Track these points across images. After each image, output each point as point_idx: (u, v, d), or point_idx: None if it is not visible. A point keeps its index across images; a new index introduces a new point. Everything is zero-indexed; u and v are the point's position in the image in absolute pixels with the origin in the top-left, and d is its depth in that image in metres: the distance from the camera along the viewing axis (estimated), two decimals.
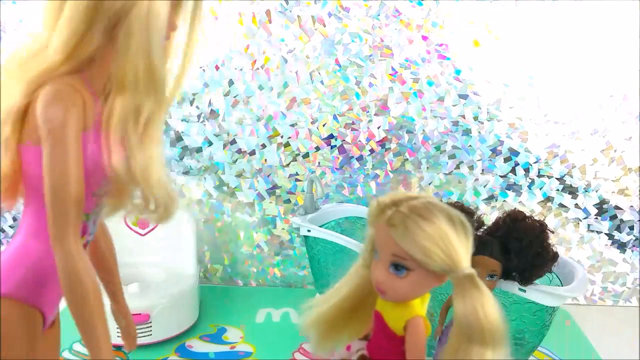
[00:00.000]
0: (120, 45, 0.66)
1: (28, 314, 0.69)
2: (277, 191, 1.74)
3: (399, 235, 0.63)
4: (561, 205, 1.71)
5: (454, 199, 1.69)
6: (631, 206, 1.69)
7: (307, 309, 0.76)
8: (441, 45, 1.62)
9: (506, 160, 1.69)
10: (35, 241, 0.70)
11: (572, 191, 1.69)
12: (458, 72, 1.63)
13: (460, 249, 0.63)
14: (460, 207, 1.17)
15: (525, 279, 1.15)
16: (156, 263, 1.56)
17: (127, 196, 0.72)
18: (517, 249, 1.11)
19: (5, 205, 0.73)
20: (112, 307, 0.85)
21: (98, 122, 0.68)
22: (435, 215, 0.64)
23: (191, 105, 1.67)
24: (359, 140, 1.70)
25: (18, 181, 0.71)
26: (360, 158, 1.71)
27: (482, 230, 1.17)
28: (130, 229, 1.58)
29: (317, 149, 1.71)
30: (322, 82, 1.66)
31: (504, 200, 1.71)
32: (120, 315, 0.85)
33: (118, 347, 0.89)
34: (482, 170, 1.70)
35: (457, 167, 1.70)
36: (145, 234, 1.58)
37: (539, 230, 1.13)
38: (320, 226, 1.50)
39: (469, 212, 1.16)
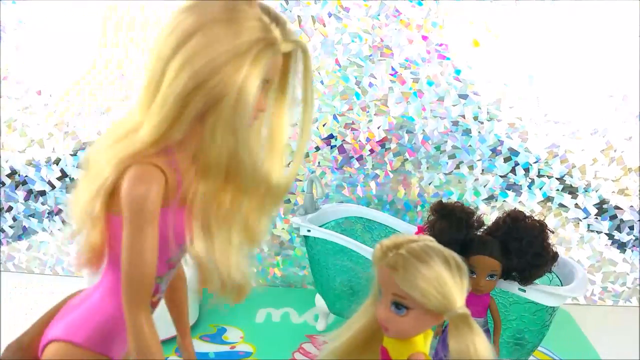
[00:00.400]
0: (208, 130, 0.68)
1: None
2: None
3: (399, 277, 0.70)
4: (561, 205, 1.71)
5: (454, 199, 1.69)
6: (631, 206, 1.69)
7: (323, 347, 0.84)
8: (441, 45, 1.62)
9: (506, 160, 1.68)
10: (112, 299, 0.75)
11: (572, 191, 1.69)
12: (458, 72, 1.63)
13: (455, 289, 0.70)
14: (460, 207, 1.17)
15: (525, 279, 1.15)
16: None
17: (206, 277, 0.74)
18: (517, 249, 1.11)
19: (92, 271, 0.78)
20: (178, 341, 0.91)
21: (182, 199, 0.71)
22: (433, 258, 0.70)
23: None
24: (359, 140, 1.69)
25: (104, 250, 0.76)
26: (360, 158, 1.71)
27: (482, 230, 1.17)
28: None
29: (317, 148, 1.71)
30: (322, 82, 1.66)
31: (504, 201, 1.71)
32: (184, 350, 0.91)
33: None
34: (482, 170, 1.69)
35: (457, 167, 1.69)
36: None
37: (539, 231, 1.13)
38: (320, 226, 1.50)
39: (469, 213, 1.17)
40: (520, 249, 1.11)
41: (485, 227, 1.18)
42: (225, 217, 0.71)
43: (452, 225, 1.13)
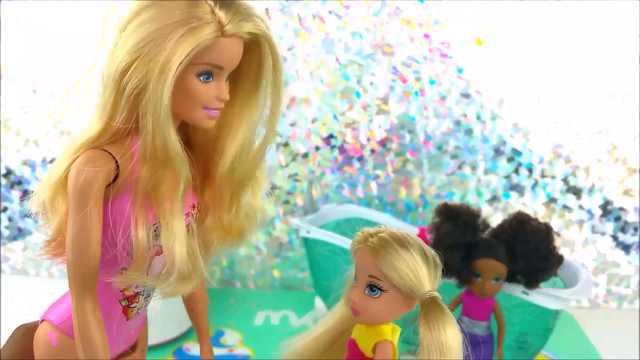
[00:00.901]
0: (141, 112, 0.67)
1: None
2: (276, 192, 1.73)
3: (379, 257, 0.73)
4: (565, 207, 1.69)
5: (456, 200, 1.68)
6: (635, 207, 1.68)
7: (289, 343, 0.87)
8: (443, 43, 1.61)
9: (509, 160, 1.67)
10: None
11: (576, 192, 1.68)
12: (460, 70, 1.62)
13: (430, 278, 0.73)
14: (466, 209, 1.15)
15: (531, 283, 1.14)
16: None
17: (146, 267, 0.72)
18: (524, 252, 1.10)
19: (60, 261, 0.77)
20: (201, 349, 0.92)
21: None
22: (413, 246, 0.74)
23: None
24: (360, 140, 1.68)
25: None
26: (360, 158, 1.70)
27: (487, 232, 1.16)
28: None
29: (317, 148, 1.69)
30: (322, 81, 1.64)
31: (507, 202, 1.70)
32: (202, 356, 0.92)
33: None
34: (485, 170, 1.68)
35: (460, 167, 1.68)
36: None
37: (545, 234, 1.12)
38: (320, 227, 1.49)
39: (475, 215, 1.15)
40: (527, 252, 1.10)
41: (489, 230, 1.16)
42: (161, 205, 0.70)
43: (457, 228, 1.12)
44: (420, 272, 0.72)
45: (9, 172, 1.76)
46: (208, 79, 0.69)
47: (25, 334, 0.81)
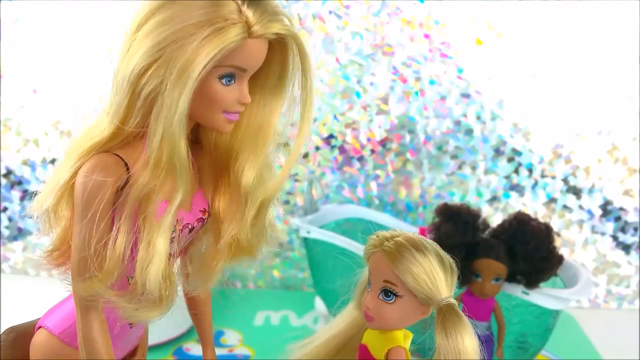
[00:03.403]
0: (153, 115, 0.62)
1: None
2: None
3: (395, 261, 0.71)
4: (565, 207, 1.69)
5: (456, 200, 1.68)
6: (635, 207, 1.67)
7: (296, 346, 0.85)
8: (443, 43, 1.61)
9: (509, 160, 1.67)
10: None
11: (576, 192, 1.68)
12: (460, 70, 1.62)
13: (446, 284, 0.72)
14: (466, 209, 1.15)
15: (531, 283, 1.14)
16: None
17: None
18: (524, 252, 1.10)
19: (60, 270, 0.73)
20: (204, 352, 0.89)
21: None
22: (429, 251, 0.72)
23: None
24: (360, 140, 1.68)
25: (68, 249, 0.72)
26: (360, 158, 1.70)
27: (487, 232, 1.16)
28: None
29: (317, 148, 1.69)
30: (322, 81, 1.64)
31: (507, 202, 1.69)
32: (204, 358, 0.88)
33: None
34: (485, 170, 1.68)
35: (460, 167, 1.68)
36: None
37: (546, 234, 1.11)
38: (320, 227, 1.49)
39: (475, 215, 1.15)
40: (527, 252, 1.10)
41: (489, 230, 1.16)
42: (148, 216, 0.64)
43: (458, 228, 1.12)
44: (438, 277, 0.70)
45: (9, 172, 1.76)
46: (230, 82, 0.64)
47: (16, 338, 0.78)
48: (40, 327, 0.75)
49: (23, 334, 0.78)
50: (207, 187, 0.74)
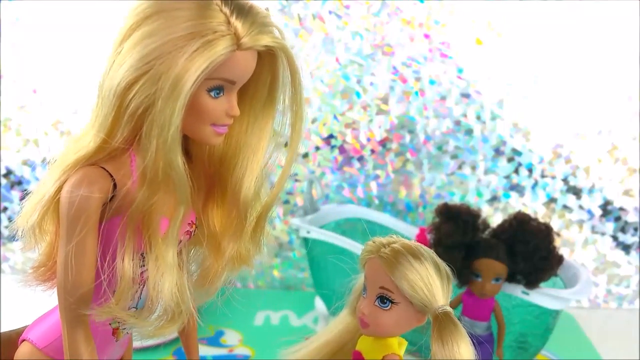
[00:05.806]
0: (145, 130, 0.60)
1: None
2: None
3: (391, 268, 0.70)
4: (565, 207, 1.69)
5: (456, 200, 1.68)
6: (635, 207, 1.67)
7: (289, 351, 0.84)
8: (443, 43, 1.61)
9: (509, 160, 1.67)
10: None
11: (576, 192, 1.68)
12: (460, 70, 1.62)
13: (442, 292, 0.71)
14: (466, 209, 1.15)
15: (531, 283, 1.14)
16: None
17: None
18: (524, 252, 1.10)
19: (48, 286, 0.73)
20: None
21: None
22: (426, 258, 0.72)
23: None
24: (360, 140, 1.68)
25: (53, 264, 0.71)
26: (360, 158, 1.70)
27: (487, 232, 1.16)
28: None
29: (317, 148, 1.69)
30: (322, 81, 1.64)
31: (507, 202, 1.69)
32: None
33: None
34: (485, 170, 1.68)
35: (460, 167, 1.68)
36: None
37: (546, 234, 1.11)
38: (320, 227, 1.49)
39: (475, 215, 1.15)
40: (527, 252, 1.10)
41: (489, 230, 1.16)
42: (154, 232, 0.63)
43: (458, 228, 1.12)
44: (434, 285, 0.70)
45: (9, 172, 1.76)
46: (219, 94, 0.63)
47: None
48: (24, 340, 0.73)
49: (5, 343, 0.76)
50: (197, 199, 0.72)
